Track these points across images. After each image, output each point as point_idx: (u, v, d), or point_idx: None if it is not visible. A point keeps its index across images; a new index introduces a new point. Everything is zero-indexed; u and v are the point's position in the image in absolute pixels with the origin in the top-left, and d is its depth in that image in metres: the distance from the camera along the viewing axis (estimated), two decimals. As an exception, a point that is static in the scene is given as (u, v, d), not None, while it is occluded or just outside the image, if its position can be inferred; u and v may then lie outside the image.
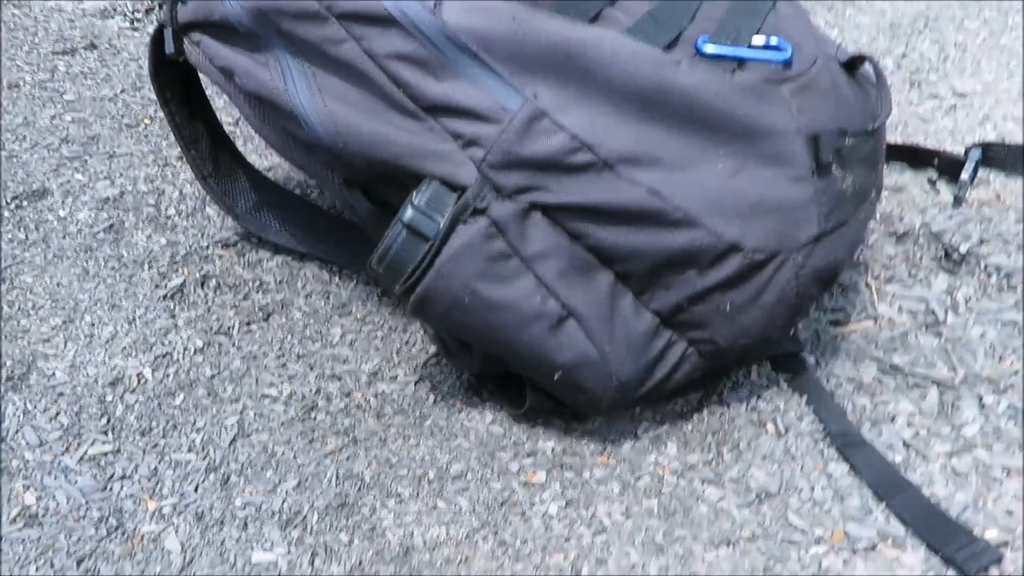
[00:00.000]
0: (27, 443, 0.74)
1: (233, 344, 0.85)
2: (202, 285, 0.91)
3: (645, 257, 0.67)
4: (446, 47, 0.67)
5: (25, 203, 1.02)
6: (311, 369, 0.83)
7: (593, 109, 0.66)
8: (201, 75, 0.88)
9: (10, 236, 0.97)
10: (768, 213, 0.67)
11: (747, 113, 0.67)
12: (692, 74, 0.67)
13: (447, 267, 0.66)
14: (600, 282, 0.68)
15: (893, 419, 0.75)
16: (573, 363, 0.68)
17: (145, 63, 1.32)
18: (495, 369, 0.79)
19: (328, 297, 0.92)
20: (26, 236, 0.98)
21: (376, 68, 0.69)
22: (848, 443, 0.73)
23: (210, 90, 0.99)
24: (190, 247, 0.96)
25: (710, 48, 0.69)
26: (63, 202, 1.03)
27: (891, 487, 0.69)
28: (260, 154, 1.13)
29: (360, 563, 0.63)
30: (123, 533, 0.67)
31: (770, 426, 0.74)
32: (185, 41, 0.80)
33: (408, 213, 0.65)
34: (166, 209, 1.03)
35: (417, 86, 0.67)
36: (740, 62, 0.69)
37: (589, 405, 0.71)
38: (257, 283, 0.92)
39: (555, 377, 0.68)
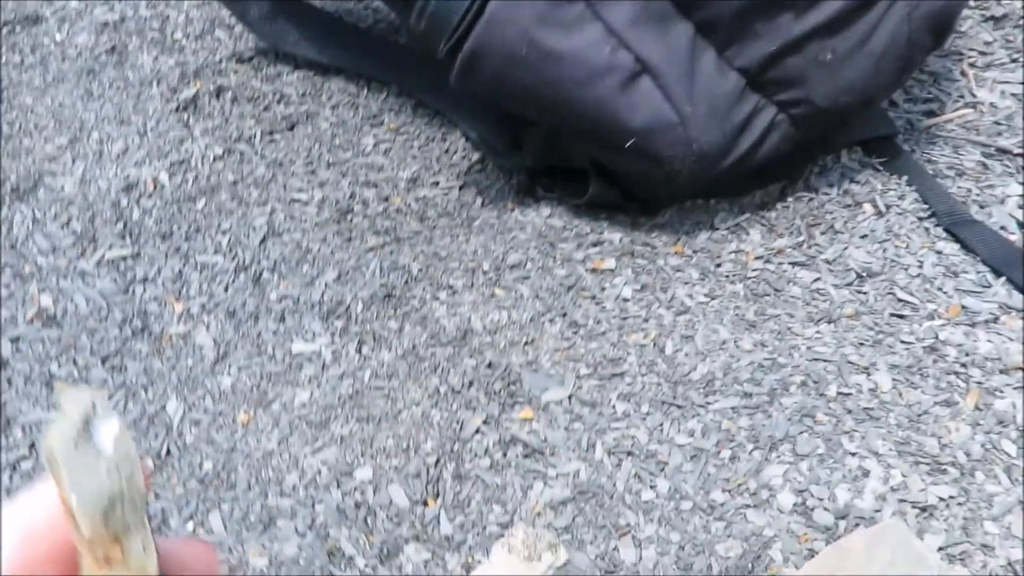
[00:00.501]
0: (39, 249, 0.67)
1: (256, 152, 0.76)
2: (217, 97, 0.82)
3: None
4: None
5: (18, 28, 0.93)
6: (343, 176, 0.75)
7: None
8: None
9: (4, 59, 0.88)
10: (879, -61, 0.56)
11: None
12: None
13: (501, 13, 0.56)
14: (678, 34, 0.58)
15: (1003, 201, 0.66)
16: (647, 127, 0.59)
17: None
18: (550, 160, 0.70)
19: (356, 108, 0.82)
20: (22, 60, 0.89)
21: None
22: (957, 222, 0.64)
23: None
24: (201, 64, 0.87)
25: None
26: (59, 27, 0.94)
27: (1010, 261, 0.60)
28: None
29: (414, 347, 0.56)
30: (150, 334, 0.60)
31: (867, 207, 0.65)
32: None
33: (453, -55, 0.55)
34: (172, 33, 0.93)
35: None
36: None
37: (665, 181, 0.62)
38: (277, 96, 0.83)
39: (626, 146, 0.59)
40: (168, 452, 0.54)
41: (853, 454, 0.46)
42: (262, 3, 0.87)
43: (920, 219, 0.64)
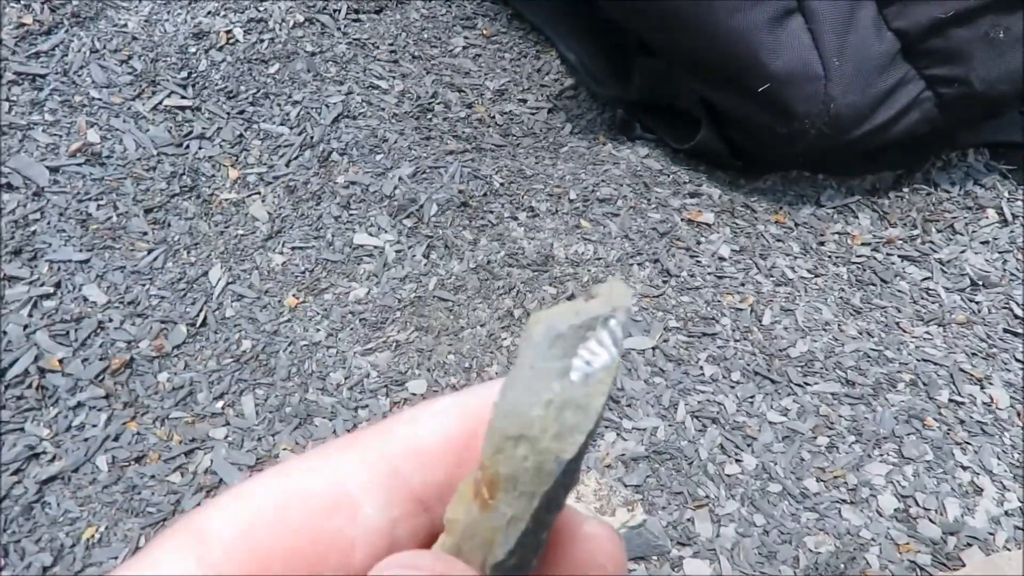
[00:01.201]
0: (94, 81, 0.61)
1: (339, 28, 0.70)
2: (305, -38, 0.76)
3: (914, -55, 0.50)
4: None
5: None
6: (427, 73, 0.68)
7: None
8: None
9: None
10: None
11: None
12: None
13: (657, -90, 0.50)
14: (842, -25, 0.52)
15: None
16: (787, 74, 0.53)
17: None
18: (657, 98, 0.64)
19: (451, 5, 0.76)
20: None
21: None
22: (1086, 248, 0.58)
23: None
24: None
25: None
26: None
27: None
28: None
29: (489, 263, 0.51)
30: (198, 196, 0.55)
31: (992, 212, 0.60)
32: None
33: None
34: None
35: None
36: None
37: (786, 141, 0.56)
38: (369, -27, 0.77)
39: (759, 90, 0.54)
40: (204, 322, 0.49)
41: (965, 468, 0.41)
42: None
43: (1047, 237, 0.59)
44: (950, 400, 0.45)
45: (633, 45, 0.66)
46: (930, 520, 0.39)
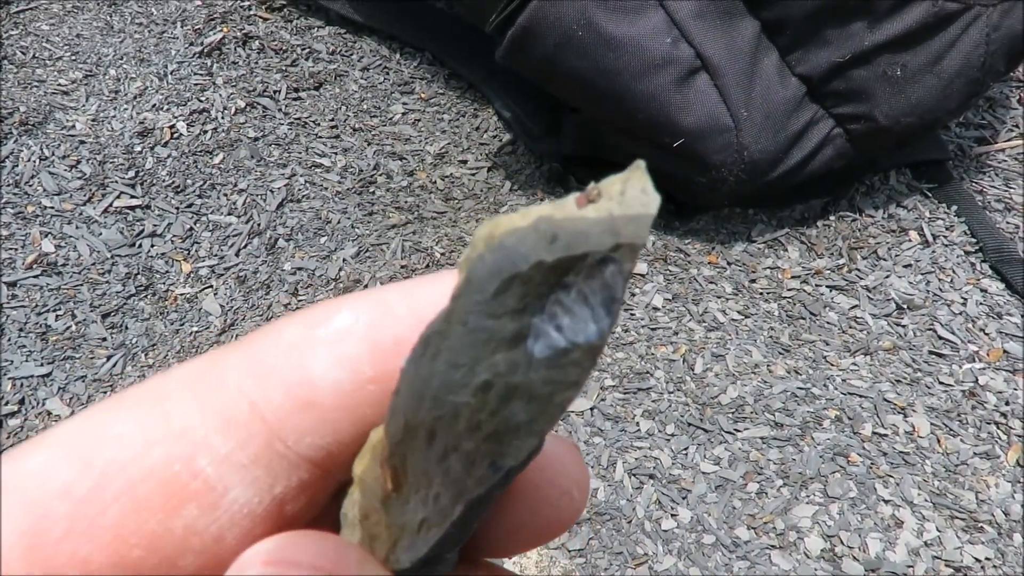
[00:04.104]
0: (44, 189, 0.63)
1: (280, 109, 0.73)
2: (244, 45, 0.78)
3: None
4: None
5: (38, -53, 0.88)
6: (368, 144, 0.71)
7: None
8: None
9: (22, -20, 0.84)
10: (969, -50, 0.53)
11: None
12: None
13: (558, -11, 0.52)
14: (743, 30, 0.55)
15: (1054, 243, 0.64)
16: (699, 129, 0.56)
17: None
18: (588, 151, 0.67)
19: (388, 73, 0.79)
20: (40, -18, 0.84)
21: None
22: (1004, 259, 0.61)
23: None
24: (229, 7, 0.83)
25: None
26: (82, -48, 0.89)
27: (1059, 309, 0.58)
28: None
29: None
30: (154, 293, 0.58)
31: (913, 234, 0.63)
32: None
33: (516, -89, 0.51)
34: (200, -29, 0.89)
35: None
36: None
37: (708, 189, 0.59)
38: (307, 50, 0.79)
39: (674, 146, 0.56)
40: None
41: (887, 501, 0.44)
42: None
43: (967, 253, 0.62)
44: (873, 433, 0.48)
45: (563, 102, 0.68)
46: (854, 558, 0.41)
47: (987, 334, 0.56)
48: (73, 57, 0.77)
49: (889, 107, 0.56)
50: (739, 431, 0.48)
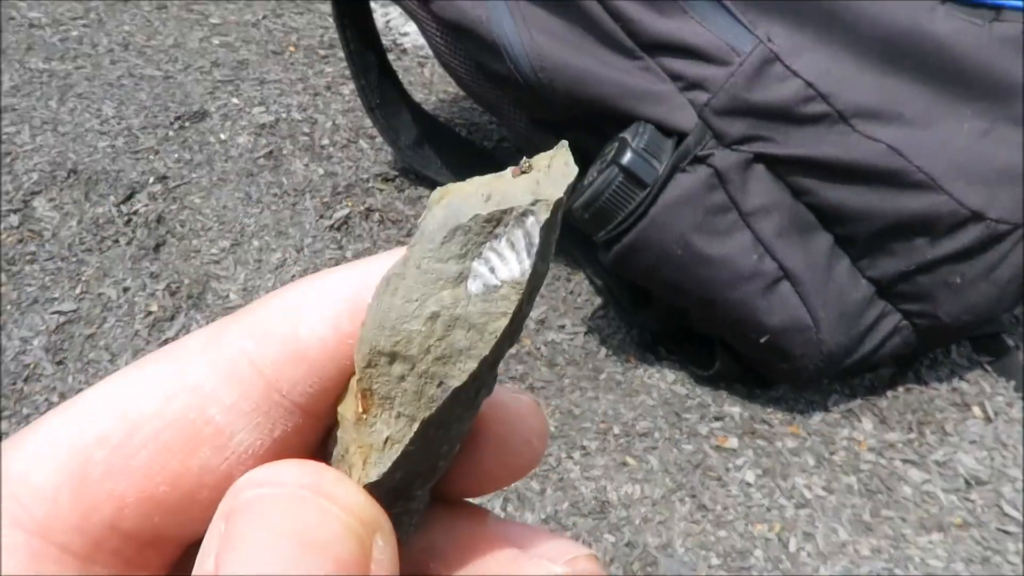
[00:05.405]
0: (212, 362, 0.74)
1: (402, 280, 0.84)
2: (366, 218, 0.90)
3: (874, 220, 0.62)
4: (676, -20, 0.62)
5: (187, 124, 1.03)
6: (479, 311, 0.81)
7: (831, 55, 0.61)
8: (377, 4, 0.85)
9: (176, 156, 0.98)
10: (1017, 181, 0.61)
11: (1005, 68, 0.61)
12: (948, 21, 0.61)
13: (663, 216, 0.62)
14: (819, 244, 0.64)
15: (1108, 414, 0.70)
16: (783, 328, 0.64)
17: (290, -11, 1.30)
18: (674, 326, 0.76)
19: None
20: (191, 157, 0.98)
21: (594, 1, 0.65)
22: (1063, 435, 0.68)
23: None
24: (350, 179, 0.95)
25: (963, -6, 0.63)
26: (222, 125, 1.03)
27: (1116, 486, 0.64)
28: (413, 89, 1.10)
29: (556, 513, 0.62)
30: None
31: (976, 410, 0.70)
32: (378, -36, 0.77)
33: (628, 156, 0.62)
34: (320, 139, 1.02)
35: (639, 21, 0.63)
36: (998, 11, 0.63)
37: (790, 374, 0.67)
38: (418, 219, 0.91)
39: (761, 341, 0.65)
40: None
41: None
42: (412, 131, 0.95)
43: (1028, 429, 0.68)
44: (952, 616, 0.54)
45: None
46: None
47: (1050, 511, 0.62)
48: (221, 227, 0.90)
49: (950, 308, 0.64)
50: (832, 612, 0.55)
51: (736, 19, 0.62)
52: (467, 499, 0.15)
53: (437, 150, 0.94)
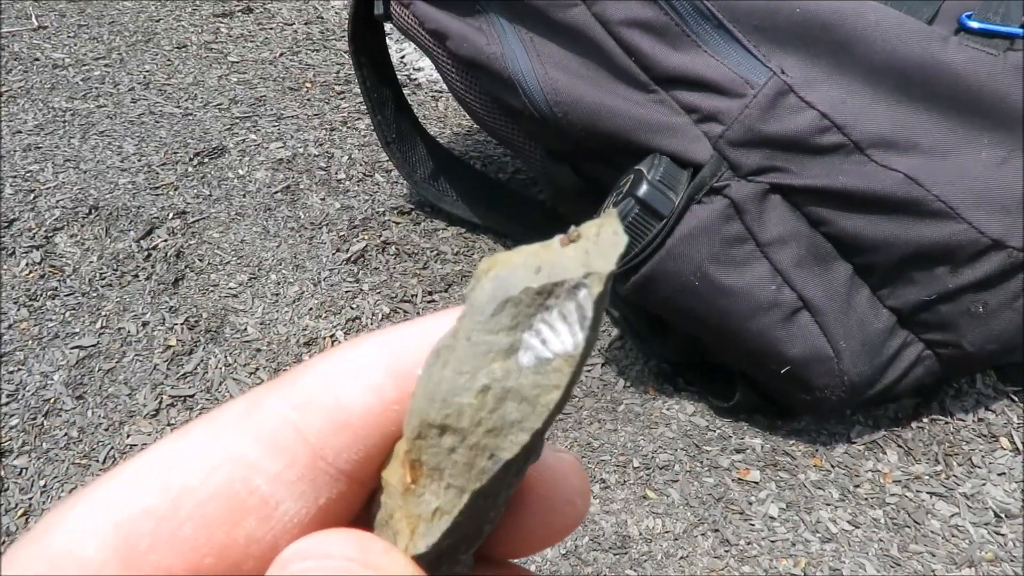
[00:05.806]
0: (230, 395, 0.75)
1: (417, 312, 0.84)
2: (382, 251, 0.91)
3: (892, 250, 0.62)
4: (689, 14, 0.63)
5: (206, 160, 1.04)
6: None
7: (845, 86, 0.62)
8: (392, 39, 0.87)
9: (195, 192, 0.99)
10: (1036, 209, 0.61)
11: (1020, 98, 0.61)
12: (962, 51, 0.61)
13: (679, 248, 0.62)
14: (838, 273, 0.64)
15: None
16: (803, 359, 0.64)
17: (298, 28, 1.33)
18: (693, 357, 0.75)
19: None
20: (210, 192, 0.99)
21: (607, 35, 0.66)
22: (1095, 467, 0.66)
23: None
24: (366, 212, 0.96)
25: (975, 24, 0.63)
26: (240, 160, 1.05)
27: None
28: (427, 123, 1.12)
29: (576, 548, 0.61)
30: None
31: (1004, 441, 0.68)
32: (394, 3, 0.78)
33: (644, 188, 0.62)
34: (336, 173, 1.03)
35: (653, 56, 0.64)
36: (1012, 40, 0.63)
37: (811, 405, 0.66)
38: (435, 252, 0.91)
39: (781, 372, 0.64)
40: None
41: None
42: (427, 163, 0.96)
43: (1058, 460, 0.67)
44: (987, 656, 0.53)
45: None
46: None
47: (1084, 545, 0.61)
48: (239, 261, 0.91)
49: (974, 337, 0.63)
50: (862, 652, 0.53)
51: (749, 52, 0.62)
52: (510, 560, 0.15)
53: (452, 183, 0.95)
